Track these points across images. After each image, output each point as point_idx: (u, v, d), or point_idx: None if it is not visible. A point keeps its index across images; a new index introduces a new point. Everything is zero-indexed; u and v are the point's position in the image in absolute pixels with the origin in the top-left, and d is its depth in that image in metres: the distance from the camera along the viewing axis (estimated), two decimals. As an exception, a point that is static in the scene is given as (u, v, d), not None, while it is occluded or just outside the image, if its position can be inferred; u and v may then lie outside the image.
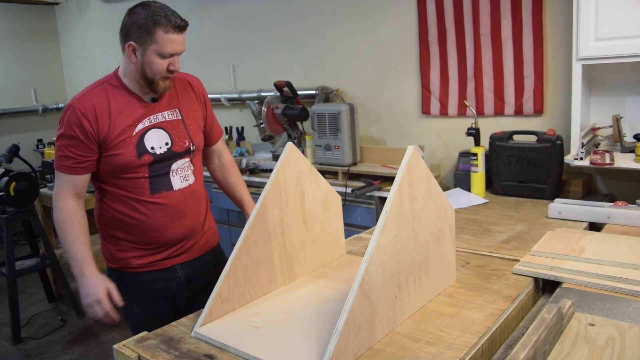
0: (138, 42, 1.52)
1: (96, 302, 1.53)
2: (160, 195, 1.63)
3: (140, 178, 1.60)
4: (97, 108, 1.55)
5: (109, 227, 1.68)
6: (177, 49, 1.55)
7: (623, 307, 1.30)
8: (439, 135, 3.12)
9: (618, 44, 2.09)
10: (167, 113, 1.66)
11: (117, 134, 1.56)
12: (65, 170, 1.57)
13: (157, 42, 1.51)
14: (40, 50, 5.87)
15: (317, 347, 1.13)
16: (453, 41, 2.93)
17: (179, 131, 1.67)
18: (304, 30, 3.66)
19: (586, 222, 1.94)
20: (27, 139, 5.55)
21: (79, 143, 1.54)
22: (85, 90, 1.60)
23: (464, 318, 1.25)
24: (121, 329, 3.27)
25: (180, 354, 1.18)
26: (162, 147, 1.63)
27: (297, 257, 1.53)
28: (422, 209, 1.27)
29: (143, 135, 1.60)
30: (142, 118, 1.61)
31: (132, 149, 1.58)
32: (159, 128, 1.63)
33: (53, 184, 3.45)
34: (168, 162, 1.64)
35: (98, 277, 1.56)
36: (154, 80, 1.57)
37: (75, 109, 1.54)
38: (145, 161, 1.59)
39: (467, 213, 2.20)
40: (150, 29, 1.50)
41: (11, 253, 3.16)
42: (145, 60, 1.54)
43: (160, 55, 1.53)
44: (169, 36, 1.51)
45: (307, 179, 1.53)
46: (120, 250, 1.68)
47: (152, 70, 1.55)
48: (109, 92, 1.59)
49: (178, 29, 1.53)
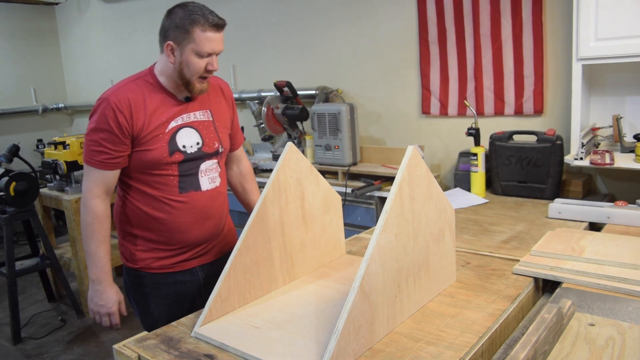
0: (176, 42, 1.52)
1: (106, 314, 1.58)
2: (188, 195, 1.62)
3: (169, 176, 1.59)
4: (133, 103, 1.54)
5: (131, 225, 1.66)
6: (215, 48, 1.53)
7: (623, 307, 1.30)
8: (439, 135, 3.12)
9: (618, 44, 2.09)
10: (200, 113, 1.65)
11: (150, 130, 1.55)
12: (98, 166, 1.54)
13: (194, 41, 1.50)
14: (40, 50, 5.87)
15: (317, 347, 1.13)
16: (453, 41, 2.93)
17: (209, 132, 1.66)
18: (304, 30, 3.66)
19: (586, 222, 1.94)
20: (27, 139, 5.55)
21: (114, 137, 1.52)
22: (120, 84, 1.59)
23: (464, 318, 1.25)
24: (121, 329, 3.27)
25: (180, 354, 1.18)
26: (194, 146, 1.62)
27: (297, 257, 1.53)
28: (422, 209, 1.27)
29: (175, 133, 1.59)
30: (176, 116, 1.60)
31: (164, 146, 1.57)
32: (190, 127, 1.62)
33: (53, 184, 3.46)
34: (197, 162, 1.63)
35: (113, 288, 1.59)
36: (191, 81, 1.56)
37: (111, 102, 1.52)
38: (175, 159, 1.58)
39: (467, 213, 2.20)
40: (187, 27, 1.49)
41: (11, 253, 3.16)
42: (184, 60, 1.53)
43: (198, 55, 1.52)
44: (207, 35, 1.50)
45: (307, 179, 1.52)
46: (141, 251, 1.66)
47: (190, 70, 1.54)
48: (144, 88, 1.58)
49: (216, 27, 1.51)
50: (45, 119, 5.96)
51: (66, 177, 3.42)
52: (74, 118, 6.17)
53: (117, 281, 1.67)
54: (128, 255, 1.69)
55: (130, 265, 1.68)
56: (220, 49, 1.55)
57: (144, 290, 1.67)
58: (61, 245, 3.89)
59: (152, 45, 4.86)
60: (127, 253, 1.69)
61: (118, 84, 1.60)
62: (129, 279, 1.71)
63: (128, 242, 1.68)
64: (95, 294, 1.58)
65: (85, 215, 1.56)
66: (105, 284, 1.57)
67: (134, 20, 4.99)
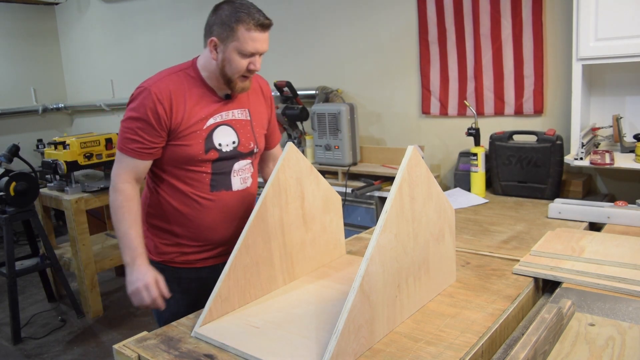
0: (219, 39, 1.50)
1: (144, 288, 1.46)
2: (219, 193, 1.62)
3: (202, 173, 1.59)
4: (174, 96, 1.52)
5: (159, 218, 1.65)
6: (258, 48, 1.51)
7: (623, 307, 1.30)
8: (439, 135, 3.11)
9: (618, 44, 2.09)
10: (238, 112, 1.64)
11: (189, 125, 1.54)
12: (131, 154, 1.52)
13: (238, 40, 1.48)
14: (40, 50, 5.87)
15: (317, 347, 1.13)
16: (453, 41, 2.93)
17: (246, 131, 1.65)
18: (304, 30, 3.66)
19: (586, 222, 1.94)
20: (27, 139, 5.55)
21: (150, 128, 1.50)
22: (162, 74, 1.56)
23: (464, 318, 1.25)
24: (121, 329, 3.27)
25: (180, 354, 1.18)
26: (229, 145, 1.61)
27: (297, 257, 1.53)
28: (422, 209, 1.27)
29: (213, 131, 1.58)
30: (215, 113, 1.59)
31: (200, 142, 1.56)
32: (228, 125, 1.61)
33: (53, 184, 3.46)
34: (231, 161, 1.63)
35: (148, 267, 1.51)
36: (233, 79, 1.54)
37: (152, 93, 1.50)
38: (210, 157, 1.57)
39: (467, 213, 2.20)
40: (232, 25, 1.47)
41: (11, 253, 3.16)
42: (226, 58, 1.51)
43: (241, 54, 1.50)
44: (251, 34, 1.48)
45: (307, 179, 1.53)
46: (166, 245, 1.66)
47: (231, 68, 1.52)
48: (186, 81, 1.56)
49: (261, 27, 1.49)
50: (45, 119, 5.96)
51: (66, 177, 3.42)
52: (74, 118, 6.16)
53: (116, 282, 1.66)
54: (152, 247, 1.68)
55: (153, 258, 1.68)
56: (264, 49, 1.53)
57: (166, 283, 1.67)
58: (61, 245, 3.89)
59: (152, 45, 4.90)
60: (151, 245, 1.68)
61: (159, 74, 1.57)
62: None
63: (153, 235, 1.68)
64: (131, 274, 1.49)
65: (114, 199, 1.53)
66: (139, 263, 1.49)
67: (134, 20, 4.99)
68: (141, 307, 1.48)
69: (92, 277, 3.43)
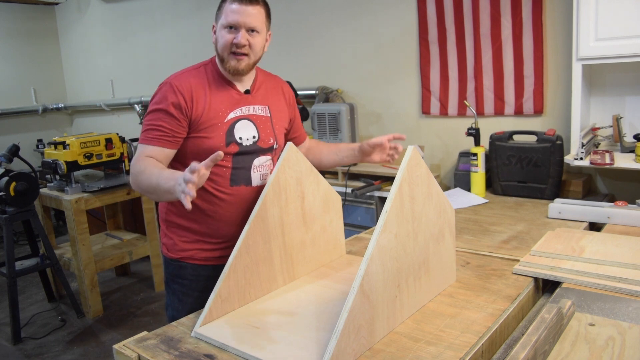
0: (215, 22, 1.57)
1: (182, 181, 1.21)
2: (239, 188, 1.62)
3: (223, 167, 1.59)
4: (194, 88, 1.55)
5: (177, 215, 1.66)
6: (238, 20, 1.52)
7: (623, 307, 1.30)
8: (439, 135, 3.11)
9: (618, 44, 2.09)
10: (259, 107, 1.67)
11: (210, 117, 1.56)
12: (151, 142, 1.52)
13: (223, 14, 1.54)
14: (40, 50, 5.87)
15: (317, 347, 1.13)
16: (453, 41, 2.93)
17: (266, 127, 1.67)
18: (304, 30, 3.66)
19: (586, 222, 1.94)
20: (27, 139, 5.54)
21: (171, 118, 1.52)
22: (184, 70, 1.61)
23: (464, 318, 1.25)
24: (121, 329, 3.27)
25: (180, 354, 1.19)
26: (250, 139, 1.62)
27: (297, 257, 1.53)
28: (422, 209, 1.27)
29: (234, 124, 1.60)
30: (235, 107, 1.61)
31: (221, 135, 1.57)
32: (248, 120, 1.63)
33: (53, 184, 3.46)
34: (251, 156, 1.64)
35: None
36: (223, 57, 1.56)
37: (173, 85, 1.53)
38: (231, 150, 1.59)
39: (467, 213, 2.20)
40: (221, 4, 1.55)
41: (11, 253, 3.16)
42: (217, 36, 1.56)
43: (225, 28, 1.53)
44: (232, 6, 1.52)
45: (307, 179, 1.53)
46: (185, 242, 1.66)
47: (220, 45, 1.56)
48: (207, 75, 1.60)
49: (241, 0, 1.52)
50: (45, 119, 5.96)
51: (66, 177, 3.42)
52: (74, 118, 6.16)
53: (116, 282, 1.65)
54: (171, 245, 1.69)
55: (172, 255, 1.68)
56: (247, 22, 1.53)
57: (183, 282, 1.67)
58: (61, 245, 3.89)
59: (152, 45, 4.90)
60: (170, 244, 1.69)
61: (182, 70, 1.61)
62: (168, 270, 1.72)
63: (172, 233, 1.68)
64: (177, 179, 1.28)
65: (134, 170, 1.47)
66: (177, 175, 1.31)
67: (134, 20, 4.99)
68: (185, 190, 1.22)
69: (92, 277, 3.43)
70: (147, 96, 4.87)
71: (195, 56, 4.51)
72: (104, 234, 4.07)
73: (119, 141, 3.59)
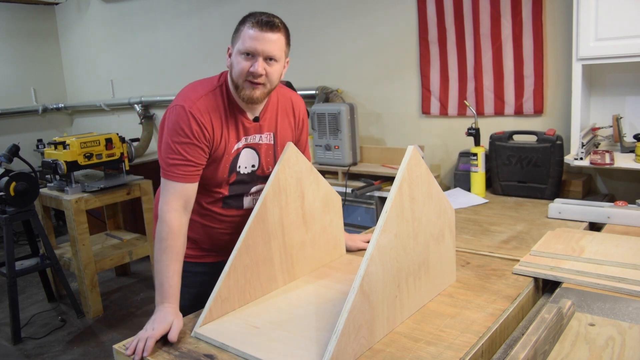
0: (232, 44, 1.48)
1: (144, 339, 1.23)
2: (229, 211, 1.62)
3: (219, 193, 1.58)
4: (213, 118, 1.47)
5: None
6: (257, 47, 1.42)
7: (623, 307, 1.30)
8: (439, 135, 3.11)
9: (618, 44, 2.09)
10: (265, 136, 1.61)
11: (221, 148, 1.51)
12: (177, 178, 1.44)
13: (240, 39, 1.44)
14: (40, 50, 5.87)
15: (317, 347, 1.13)
16: (453, 41, 2.93)
17: (267, 156, 1.62)
18: (304, 30, 3.66)
19: (586, 222, 1.94)
20: (27, 139, 5.54)
21: (194, 147, 1.45)
22: (197, 93, 1.49)
23: (464, 318, 1.25)
24: (121, 329, 3.27)
25: (181, 354, 1.18)
26: (248, 167, 1.59)
27: (297, 257, 1.53)
28: (422, 209, 1.27)
29: (239, 154, 1.56)
30: (242, 136, 1.55)
31: (227, 166, 1.54)
32: (253, 149, 1.59)
33: (53, 184, 3.46)
34: (249, 185, 1.61)
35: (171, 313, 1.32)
36: (239, 84, 1.47)
37: (193, 114, 1.44)
38: (231, 179, 1.57)
39: (467, 213, 2.20)
40: (238, 27, 1.46)
41: (11, 253, 3.16)
42: (233, 61, 1.47)
43: (242, 54, 1.44)
44: (250, 32, 1.42)
45: (307, 179, 1.53)
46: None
47: (235, 71, 1.46)
48: (222, 101, 1.51)
49: (260, 25, 1.41)
50: (45, 119, 5.96)
51: (66, 177, 3.41)
52: (74, 118, 6.17)
53: (116, 282, 1.65)
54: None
55: None
56: (265, 49, 1.43)
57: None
58: (61, 245, 3.89)
59: (152, 45, 4.89)
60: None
61: (193, 91, 1.50)
62: None
63: None
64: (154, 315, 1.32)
65: (160, 230, 1.42)
66: (165, 307, 1.32)
67: (134, 20, 4.99)
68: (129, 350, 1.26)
69: (92, 277, 3.43)
70: (147, 96, 4.88)
71: (195, 56, 4.53)
72: (104, 234, 4.07)
73: (119, 141, 3.59)
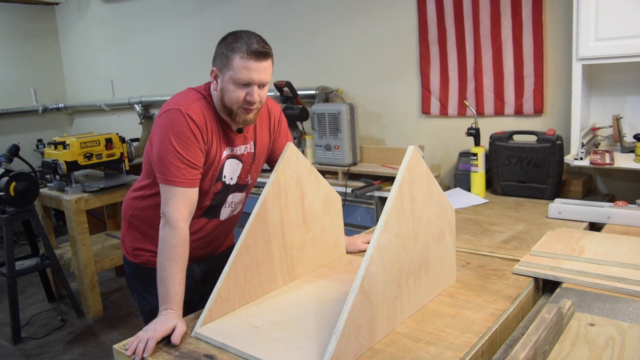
0: (218, 69, 1.46)
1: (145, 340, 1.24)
2: (205, 220, 1.63)
3: (203, 202, 1.57)
4: (207, 121, 1.48)
5: (144, 222, 1.64)
6: (253, 78, 1.42)
7: (623, 307, 1.30)
8: (439, 135, 3.11)
9: (618, 44, 2.09)
10: (249, 146, 1.62)
11: (211, 155, 1.51)
12: (184, 184, 1.43)
13: (232, 69, 1.42)
14: (40, 50, 5.87)
15: (317, 347, 1.13)
16: (453, 41, 2.93)
17: (247, 164, 1.63)
18: (304, 30, 3.66)
19: (586, 222, 1.94)
20: (27, 139, 5.54)
21: (196, 149, 1.45)
22: (190, 98, 1.50)
23: (464, 318, 1.25)
24: (121, 329, 3.27)
25: (181, 354, 1.19)
26: (234, 178, 1.61)
27: (297, 257, 1.53)
28: (422, 209, 1.27)
29: (225, 164, 1.56)
30: (227, 146, 1.56)
31: (214, 175, 1.55)
32: (237, 159, 1.60)
33: (53, 184, 3.46)
34: (227, 194, 1.62)
35: (173, 317, 1.32)
36: (233, 109, 1.47)
37: (191, 117, 1.44)
38: (216, 188, 1.57)
39: (467, 213, 2.20)
40: (228, 54, 1.42)
41: (11, 253, 3.16)
42: (224, 88, 1.46)
43: (236, 83, 1.43)
44: (245, 63, 1.41)
45: (307, 179, 1.53)
46: (144, 250, 1.66)
47: (229, 99, 1.46)
48: (211, 109, 1.51)
49: (256, 55, 1.41)
50: (45, 119, 5.96)
51: (66, 177, 3.41)
52: (74, 118, 6.16)
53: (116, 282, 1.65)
54: (130, 249, 1.70)
55: (132, 260, 1.69)
56: (262, 79, 1.45)
57: (143, 281, 1.68)
58: (61, 245, 3.89)
59: (152, 45, 4.89)
60: (129, 247, 1.70)
61: (187, 96, 1.50)
62: (129, 269, 1.73)
63: (132, 237, 1.68)
64: (156, 318, 1.32)
65: (171, 237, 1.40)
66: (170, 311, 1.33)
67: (134, 20, 4.99)
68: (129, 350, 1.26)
69: (92, 277, 3.43)
70: (147, 96, 4.88)
71: (195, 56, 4.53)
72: (104, 234, 4.06)
73: (119, 141, 3.59)
